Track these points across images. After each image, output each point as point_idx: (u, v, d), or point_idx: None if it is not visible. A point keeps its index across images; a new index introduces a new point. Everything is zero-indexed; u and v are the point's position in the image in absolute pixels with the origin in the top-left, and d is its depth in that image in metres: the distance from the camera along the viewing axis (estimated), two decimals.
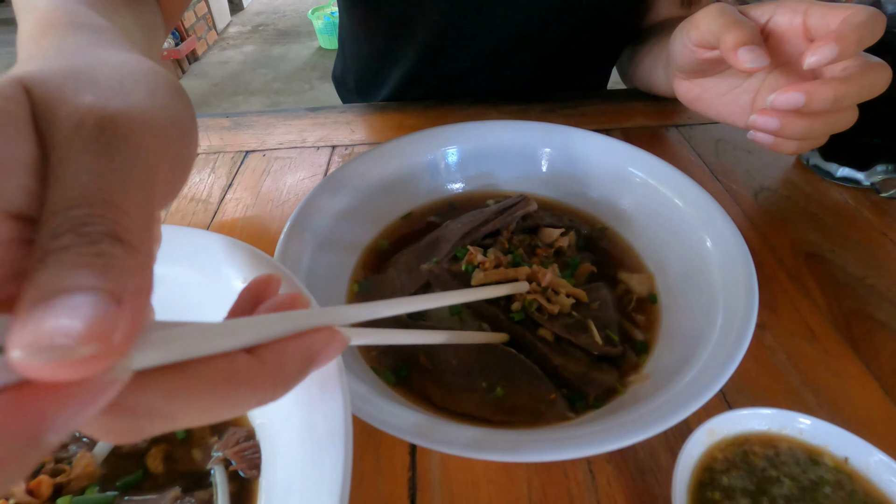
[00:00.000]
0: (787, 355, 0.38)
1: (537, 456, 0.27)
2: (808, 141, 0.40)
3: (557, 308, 0.38)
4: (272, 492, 0.26)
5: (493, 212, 0.45)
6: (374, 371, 0.36)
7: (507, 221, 0.44)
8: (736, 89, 0.46)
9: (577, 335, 0.37)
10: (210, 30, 3.55)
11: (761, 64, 0.36)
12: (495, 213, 0.45)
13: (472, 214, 0.45)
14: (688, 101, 0.51)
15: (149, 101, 0.17)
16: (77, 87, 0.16)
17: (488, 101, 0.69)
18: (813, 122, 0.38)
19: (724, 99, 0.47)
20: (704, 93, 0.48)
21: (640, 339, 0.38)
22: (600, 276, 0.43)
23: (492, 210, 0.45)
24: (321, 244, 0.41)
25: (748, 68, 0.36)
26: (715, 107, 0.48)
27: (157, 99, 0.17)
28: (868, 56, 0.38)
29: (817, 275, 0.45)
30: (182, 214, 0.54)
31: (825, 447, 0.29)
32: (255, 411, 0.29)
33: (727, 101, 0.47)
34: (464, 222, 0.44)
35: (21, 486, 0.25)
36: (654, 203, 0.46)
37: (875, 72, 0.36)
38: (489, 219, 0.44)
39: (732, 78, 0.46)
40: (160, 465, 0.28)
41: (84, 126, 0.15)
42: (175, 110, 0.18)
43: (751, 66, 0.36)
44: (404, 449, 0.33)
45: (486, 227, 0.44)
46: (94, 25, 0.25)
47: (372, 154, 0.48)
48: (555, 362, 0.35)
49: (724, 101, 0.47)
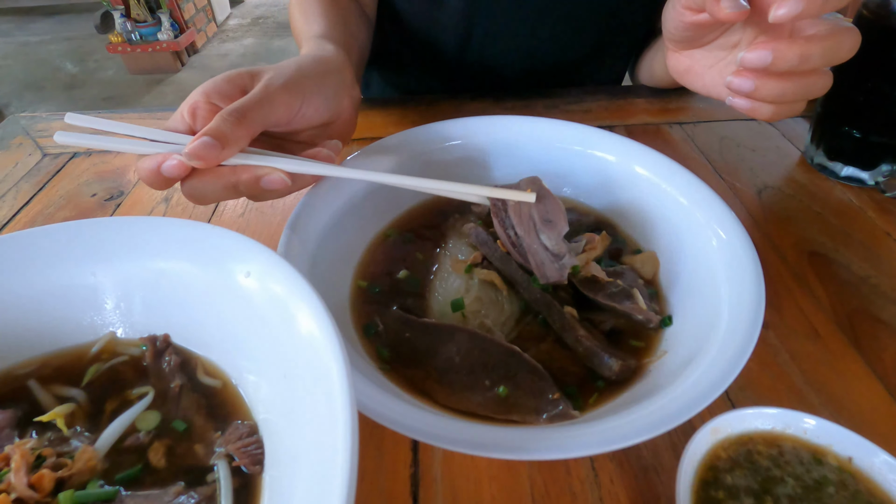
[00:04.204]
0: (790, 354, 0.38)
1: (542, 454, 0.27)
2: (783, 106, 0.41)
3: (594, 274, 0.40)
4: (275, 487, 0.26)
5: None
6: (370, 355, 0.37)
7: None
8: (721, 62, 0.49)
9: (621, 302, 0.38)
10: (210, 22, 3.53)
11: (740, 9, 0.36)
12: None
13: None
14: (678, 74, 0.54)
15: (293, 73, 0.41)
16: (270, 69, 0.41)
17: (489, 96, 0.69)
18: (785, 84, 0.39)
19: (711, 71, 0.50)
20: (694, 65, 0.51)
21: (665, 315, 0.39)
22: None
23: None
24: (324, 237, 0.41)
25: (728, 14, 0.36)
26: (702, 79, 0.51)
27: (302, 72, 0.42)
28: (840, 19, 0.39)
29: (821, 274, 0.44)
30: (183, 208, 0.53)
31: (829, 447, 0.29)
32: (258, 406, 0.29)
33: (713, 74, 0.49)
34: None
35: (23, 479, 0.25)
36: (658, 201, 0.45)
37: (843, 34, 0.37)
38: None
39: (719, 51, 0.48)
40: (162, 459, 0.28)
41: (253, 82, 0.40)
42: (306, 79, 0.41)
43: (730, 12, 0.36)
44: (406, 445, 0.33)
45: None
46: (317, 39, 0.52)
47: (376, 147, 0.48)
48: (578, 332, 0.36)
49: (710, 73, 0.50)
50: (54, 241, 0.32)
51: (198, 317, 0.32)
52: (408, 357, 0.37)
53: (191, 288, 0.32)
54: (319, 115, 0.43)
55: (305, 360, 0.26)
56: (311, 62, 0.44)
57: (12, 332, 0.31)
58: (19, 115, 0.69)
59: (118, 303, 0.33)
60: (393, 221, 0.48)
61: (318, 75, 0.43)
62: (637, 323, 0.38)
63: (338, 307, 0.40)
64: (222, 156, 0.35)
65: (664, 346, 0.37)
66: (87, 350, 0.32)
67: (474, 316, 0.39)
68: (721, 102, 0.65)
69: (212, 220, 0.52)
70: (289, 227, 0.39)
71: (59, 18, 3.90)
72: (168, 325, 0.32)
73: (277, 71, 0.41)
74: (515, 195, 0.40)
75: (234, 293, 0.30)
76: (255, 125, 0.37)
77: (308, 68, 0.43)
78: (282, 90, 0.39)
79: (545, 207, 0.40)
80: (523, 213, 0.40)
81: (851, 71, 0.44)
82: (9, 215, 0.53)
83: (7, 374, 0.31)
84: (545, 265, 0.39)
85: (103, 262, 0.32)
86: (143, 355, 0.32)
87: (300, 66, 0.42)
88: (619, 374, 0.35)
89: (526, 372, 0.35)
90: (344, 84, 0.46)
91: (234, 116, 0.35)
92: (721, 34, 0.47)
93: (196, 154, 0.34)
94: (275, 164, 0.37)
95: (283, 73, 0.40)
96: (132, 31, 3.06)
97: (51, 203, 0.55)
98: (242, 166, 0.37)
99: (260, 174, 0.37)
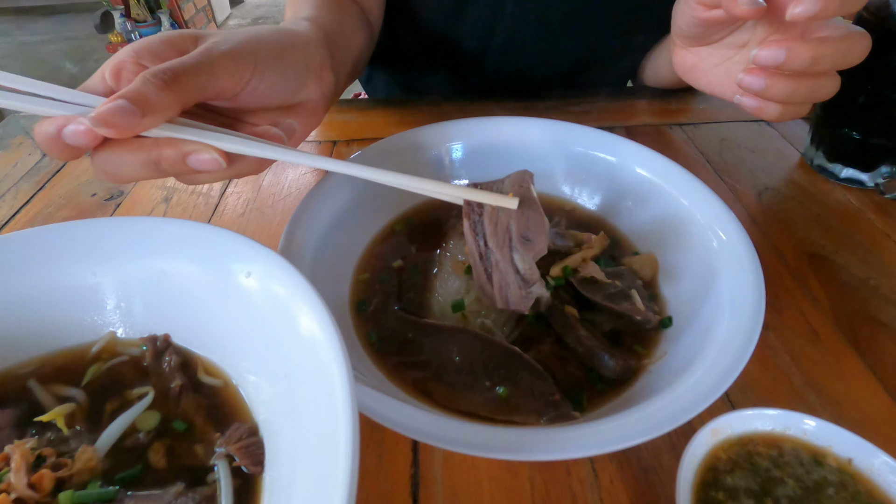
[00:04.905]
0: (790, 356, 0.38)
1: (542, 455, 0.27)
2: (790, 107, 0.41)
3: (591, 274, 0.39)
4: (276, 488, 0.26)
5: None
6: (370, 355, 0.37)
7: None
8: (728, 61, 0.48)
9: (619, 303, 0.38)
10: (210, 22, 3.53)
11: (756, 6, 0.36)
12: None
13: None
14: (683, 71, 0.53)
15: (246, 39, 0.35)
16: (220, 33, 0.36)
17: (491, 97, 0.69)
18: (796, 84, 0.39)
19: (717, 70, 0.49)
20: (700, 62, 0.51)
21: (665, 317, 0.39)
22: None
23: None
24: (324, 238, 0.41)
25: (744, 10, 0.36)
26: (707, 77, 0.50)
27: (258, 40, 0.36)
28: (850, 24, 0.39)
29: (821, 276, 0.44)
30: (183, 208, 0.53)
31: (829, 448, 0.29)
32: (258, 407, 0.29)
33: (719, 72, 0.49)
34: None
35: (23, 479, 0.25)
36: (658, 202, 0.46)
37: (854, 38, 0.37)
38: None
39: (726, 49, 0.48)
40: (162, 459, 0.28)
41: (196, 45, 0.34)
42: (262, 48, 0.36)
43: (746, 9, 0.36)
44: (407, 446, 0.33)
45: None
46: (296, 19, 0.47)
47: (377, 148, 0.48)
48: (579, 332, 0.36)
49: (716, 71, 0.49)
50: (54, 241, 0.31)
51: (198, 317, 0.32)
52: (408, 357, 0.37)
53: (191, 288, 0.31)
54: (275, 94, 0.37)
55: (306, 361, 0.26)
56: (273, 31, 0.38)
57: (12, 332, 0.31)
58: (19, 115, 0.69)
59: (118, 303, 0.33)
60: (393, 221, 0.48)
61: (277, 47, 0.37)
62: (636, 324, 0.38)
63: (338, 307, 0.40)
64: (141, 125, 0.29)
65: (664, 347, 0.37)
66: (87, 350, 0.32)
67: (475, 316, 0.39)
68: (721, 104, 0.66)
69: (211, 220, 0.52)
70: (289, 226, 0.39)
71: (59, 18, 3.90)
72: (168, 325, 0.32)
73: (228, 35, 0.35)
74: (495, 199, 0.35)
75: (234, 293, 0.30)
76: (188, 92, 0.31)
77: (267, 37, 0.37)
78: (227, 56, 0.33)
79: (526, 220, 0.35)
80: (500, 221, 0.35)
81: (851, 72, 0.44)
82: (8, 215, 0.53)
83: (7, 374, 0.30)
84: (510, 289, 0.34)
85: (103, 262, 0.32)
86: (143, 355, 0.32)
87: (257, 33, 0.37)
88: (620, 375, 0.35)
89: (526, 373, 0.35)
90: (310, 65, 0.40)
91: (161, 78, 0.29)
92: (731, 32, 0.46)
93: (106, 119, 0.28)
94: (208, 140, 0.32)
95: (232, 38, 0.35)
96: (132, 31, 3.06)
97: (50, 203, 0.55)
98: (167, 139, 0.31)
99: (187, 150, 0.31)
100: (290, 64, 0.38)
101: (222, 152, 0.32)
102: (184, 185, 0.56)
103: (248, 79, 0.34)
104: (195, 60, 0.31)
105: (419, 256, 0.44)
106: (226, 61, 0.33)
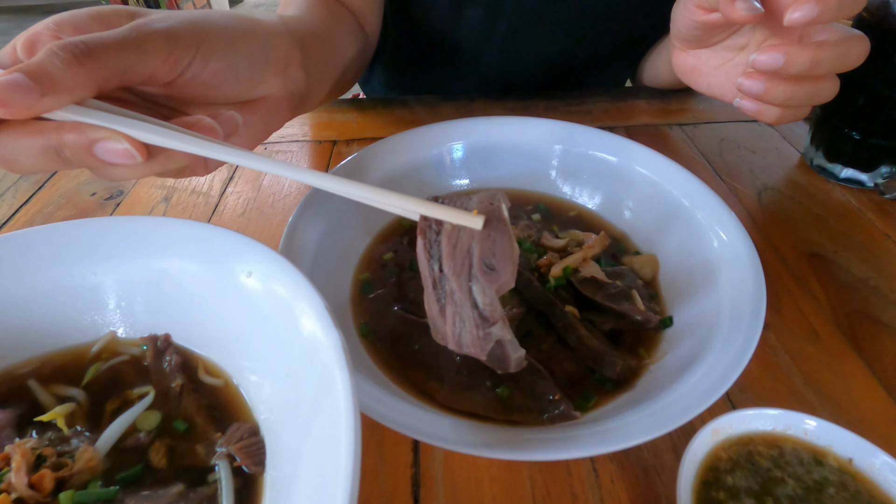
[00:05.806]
0: (790, 356, 0.38)
1: (543, 455, 0.27)
2: (789, 110, 0.42)
3: (592, 274, 0.39)
4: (277, 488, 0.26)
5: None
6: (361, 340, 0.37)
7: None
8: (727, 63, 0.48)
9: (619, 302, 0.38)
10: None
11: (754, 11, 0.36)
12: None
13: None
14: (683, 73, 0.53)
15: (191, 19, 0.31)
16: (162, 12, 0.31)
17: (491, 97, 0.69)
18: (795, 88, 0.39)
19: (717, 72, 0.49)
20: (700, 65, 0.51)
21: (665, 316, 0.39)
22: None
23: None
24: (325, 237, 0.41)
25: (742, 15, 0.36)
26: (707, 79, 0.50)
27: (207, 22, 0.32)
28: (848, 28, 0.39)
29: (820, 275, 0.45)
30: (183, 207, 0.53)
31: (830, 448, 0.29)
32: (259, 406, 0.29)
33: (719, 74, 0.49)
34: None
35: (23, 479, 0.25)
36: (659, 202, 0.46)
37: (852, 41, 0.38)
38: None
39: (726, 52, 0.48)
40: (163, 459, 0.28)
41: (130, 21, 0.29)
42: (210, 31, 0.31)
43: (744, 14, 0.36)
44: (407, 445, 0.33)
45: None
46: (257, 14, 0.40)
47: (378, 148, 0.48)
48: (580, 332, 0.36)
49: (716, 73, 0.49)
50: (54, 241, 0.31)
51: (199, 316, 0.32)
52: (409, 357, 0.37)
53: (192, 287, 0.31)
54: (224, 85, 0.33)
55: (307, 360, 0.26)
56: (227, 15, 0.34)
57: (12, 331, 0.31)
58: None
59: (119, 302, 0.32)
60: (394, 221, 0.48)
61: (228, 32, 0.33)
62: (637, 324, 0.38)
63: (339, 306, 0.40)
64: (40, 104, 0.25)
65: (665, 346, 0.37)
66: (87, 350, 0.32)
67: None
68: (721, 104, 0.66)
69: (211, 219, 0.52)
70: (290, 226, 0.39)
71: None
72: (169, 324, 0.32)
73: (170, 13, 0.31)
74: (456, 216, 0.28)
75: (235, 293, 0.30)
76: (105, 71, 0.26)
77: (217, 20, 0.32)
78: (161, 35, 0.28)
79: (492, 244, 0.28)
80: (461, 243, 0.28)
81: (851, 73, 0.44)
82: (8, 214, 0.53)
83: (7, 374, 0.30)
84: (465, 326, 0.28)
85: (103, 262, 0.32)
86: (143, 355, 0.32)
87: (207, 15, 0.32)
88: (621, 375, 0.35)
89: (527, 372, 0.34)
90: (270, 57, 0.36)
91: (71, 52, 0.25)
92: (729, 35, 0.47)
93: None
94: (122, 127, 0.26)
95: (175, 17, 0.30)
96: None
97: (50, 202, 0.55)
98: (72, 123, 0.26)
99: (94, 138, 0.26)
100: (243, 52, 0.33)
101: (138, 143, 0.27)
102: (184, 184, 0.56)
103: (187, 63, 0.30)
104: (120, 36, 0.27)
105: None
106: (159, 41, 0.28)
